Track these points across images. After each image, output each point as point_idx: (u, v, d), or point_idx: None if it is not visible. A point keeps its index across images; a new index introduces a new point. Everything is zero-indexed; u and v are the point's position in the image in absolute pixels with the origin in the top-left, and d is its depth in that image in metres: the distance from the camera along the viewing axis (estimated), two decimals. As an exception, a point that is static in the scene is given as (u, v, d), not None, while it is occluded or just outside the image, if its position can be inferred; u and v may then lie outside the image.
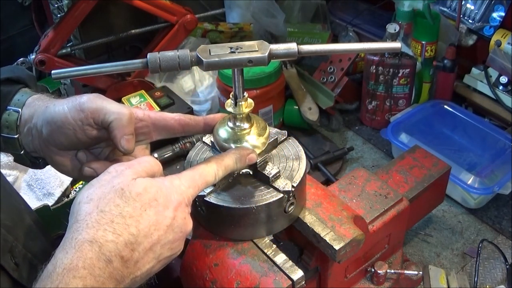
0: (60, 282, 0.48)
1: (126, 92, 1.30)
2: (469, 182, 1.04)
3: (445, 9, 1.32)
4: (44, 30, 1.26)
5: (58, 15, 1.30)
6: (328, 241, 0.68)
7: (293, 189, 0.65)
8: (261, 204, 0.64)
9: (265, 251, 0.67)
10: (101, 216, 0.52)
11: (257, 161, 0.66)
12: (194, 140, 1.23)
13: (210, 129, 0.67)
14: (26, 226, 0.62)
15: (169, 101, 1.26)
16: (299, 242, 0.74)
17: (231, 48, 0.59)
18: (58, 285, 0.48)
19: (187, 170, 0.60)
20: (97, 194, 0.54)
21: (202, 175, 0.60)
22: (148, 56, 0.58)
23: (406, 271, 0.88)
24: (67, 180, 1.11)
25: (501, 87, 1.22)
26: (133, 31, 1.31)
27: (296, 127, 1.30)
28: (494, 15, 1.23)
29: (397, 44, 0.63)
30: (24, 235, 0.59)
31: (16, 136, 0.64)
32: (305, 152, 0.72)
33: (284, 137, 0.72)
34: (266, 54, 0.58)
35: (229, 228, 0.67)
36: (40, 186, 1.06)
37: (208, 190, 0.65)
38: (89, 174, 0.65)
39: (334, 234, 0.68)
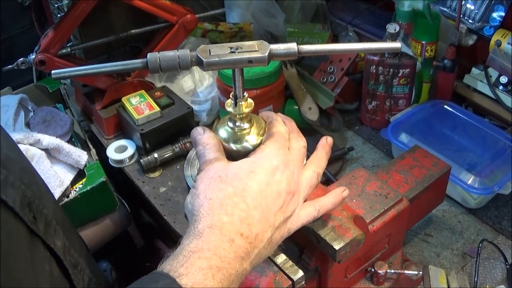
0: (186, 261, 0.52)
1: (126, 92, 1.30)
2: (469, 182, 1.04)
3: (445, 9, 1.32)
4: (44, 30, 1.26)
5: (58, 15, 1.30)
6: (328, 241, 0.68)
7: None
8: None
9: (265, 251, 0.67)
10: (211, 204, 0.57)
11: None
12: (194, 140, 1.23)
13: None
14: (40, 186, 0.65)
15: (169, 101, 1.26)
16: (299, 242, 0.74)
17: (231, 48, 0.59)
18: (184, 264, 0.52)
19: (267, 139, 0.64)
20: (201, 188, 0.58)
21: (281, 136, 0.64)
22: (148, 56, 0.58)
23: (406, 271, 0.88)
24: (67, 180, 1.11)
25: (501, 87, 1.22)
26: (133, 31, 1.30)
27: (296, 127, 1.30)
28: (494, 15, 1.23)
29: (397, 44, 0.63)
30: (39, 192, 0.62)
31: None
32: (305, 152, 0.72)
33: (284, 137, 0.72)
34: (266, 54, 0.58)
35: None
36: (40, 186, 1.06)
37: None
38: None
39: (334, 234, 0.68)
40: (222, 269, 0.53)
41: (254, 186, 0.58)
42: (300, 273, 0.69)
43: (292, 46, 0.60)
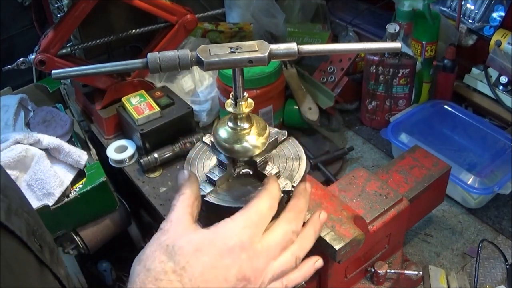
0: None
1: (126, 92, 1.30)
2: (469, 182, 1.04)
3: (445, 9, 1.32)
4: (44, 30, 1.26)
5: (58, 15, 1.30)
6: (328, 241, 0.68)
7: (293, 189, 0.65)
8: (261, 204, 0.64)
9: (265, 251, 0.67)
10: (146, 276, 0.53)
11: (257, 161, 0.66)
12: (194, 140, 1.23)
13: None
14: (36, 214, 0.63)
15: (169, 101, 1.26)
16: (299, 242, 0.74)
17: (231, 48, 0.59)
18: None
19: (241, 210, 0.58)
20: (146, 253, 0.55)
21: (258, 210, 0.58)
22: (148, 56, 0.58)
23: (406, 271, 0.88)
24: (67, 180, 1.11)
25: (501, 87, 1.22)
26: (133, 31, 1.30)
27: (296, 127, 1.30)
28: (494, 15, 1.24)
29: (397, 44, 0.63)
30: (39, 221, 0.60)
31: None
32: (305, 152, 0.72)
33: (284, 137, 0.72)
34: (266, 54, 0.58)
35: (229, 228, 0.67)
36: (40, 186, 1.06)
37: (208, 190, 0.65)
38: None
39: (334, 234, 0.68)
40: None
41: (196, 266, 0.53)
42: (300, 273, 0.69)
43: (292, 46, 0.60)
